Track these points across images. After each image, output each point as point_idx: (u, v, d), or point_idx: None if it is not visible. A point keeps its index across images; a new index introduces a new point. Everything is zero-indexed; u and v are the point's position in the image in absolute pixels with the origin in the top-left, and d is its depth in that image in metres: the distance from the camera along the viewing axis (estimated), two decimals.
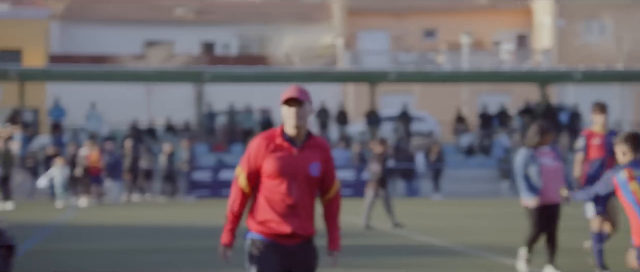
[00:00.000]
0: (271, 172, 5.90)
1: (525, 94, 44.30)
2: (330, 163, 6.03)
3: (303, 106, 5.89)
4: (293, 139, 5.94)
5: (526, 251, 11.79)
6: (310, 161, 5.91)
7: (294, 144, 5.93)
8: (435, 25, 52.79)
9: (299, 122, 5.87)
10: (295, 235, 5.94)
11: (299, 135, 5.94)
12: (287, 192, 5.90)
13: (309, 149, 5.94)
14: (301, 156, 5.91)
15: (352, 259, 13.97)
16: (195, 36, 51.53)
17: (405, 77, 40.37)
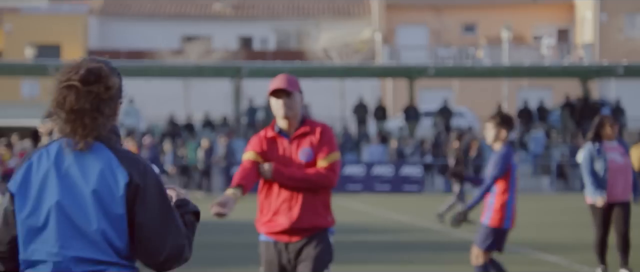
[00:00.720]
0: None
1: (567, 89, 43.75)
2: (323, 140, 5.74)
3: (291, 96, 5.71)
4: (284, 131, 5.81)
5: (602, 267, 10.98)
6: (301, 147, 5.74)
7: (285, 135, 5.80)
8: (475, 19, 52.32)
9: (287, 112, 5.71)
10: (295, 230, 5.69)
11: (291, 125, 5.79)
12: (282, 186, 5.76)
13: (301, 136, 5.78)
14: (292, 145, 5.76)
15: (392, 254, 13.75)
16: (233, 31, 51.53)
17: (444, 72, 40.00)
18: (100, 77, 3.27)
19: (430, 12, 52.23)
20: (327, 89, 46.93)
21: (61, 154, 3.28)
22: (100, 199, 3.23)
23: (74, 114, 3.25)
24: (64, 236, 3.22)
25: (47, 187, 3.25)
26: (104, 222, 3.22)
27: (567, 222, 20.09)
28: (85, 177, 3.25)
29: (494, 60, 46.10)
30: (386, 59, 48.34)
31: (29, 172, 3.28)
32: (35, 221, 3.24)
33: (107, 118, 3.28)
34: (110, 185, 3.24)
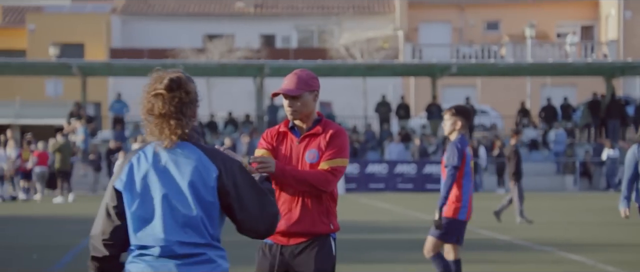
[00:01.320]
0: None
1: (591, 86, 43.48)
2: (333, 143, 5.48)
3: (298, 98, 5.47)
4: (297, 129, 5.60)
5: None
6: (309, 148, 5.51)
7: (297, 133, 5.59)
8: (498, 16, 52.11)
9: (294, 115, 5.50)
10: (293, 233, 5.42)
11: (304, 123, 5.56)
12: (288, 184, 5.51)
13: (312, 136, 5.54)
14: (302, 144, 5.53)
15: (415, 253, 13.71)
16: (255, 29, 51.57)
17: (467, 70, 39.85)
18: (181, 84, 3.88)
19: (453, 9, 52.07)
20: (350, 87, 46.88)
21: (157, 154, 3.84)
22: (196, 190, 3.78)
23: (162, 118, 3.82)
24: (168, 223, 3.77)
25: (151, 183, 3.81)
26: (200, 210, 3.77)
27: (591, 222, 19.96)
28: (180, 172, 3.80)
29: (517, 58, 45.88)
30: (409, 57, 48.22)
31: (131, 172, 3.85)
32: (143, 212, 3.80)
33: (189, 119, 3.86)
34: (203, 178, 3.79)
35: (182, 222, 3.77)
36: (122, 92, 39.29)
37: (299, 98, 5.47)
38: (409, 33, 51.28)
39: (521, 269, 11.96)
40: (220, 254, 3.85)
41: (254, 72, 38.52)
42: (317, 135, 5.53)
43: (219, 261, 3.83)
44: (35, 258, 13.01)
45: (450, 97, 46.98)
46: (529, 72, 41.58)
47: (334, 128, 5.57)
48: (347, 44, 49.00)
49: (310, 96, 5.52)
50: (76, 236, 16.15)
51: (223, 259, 3.86)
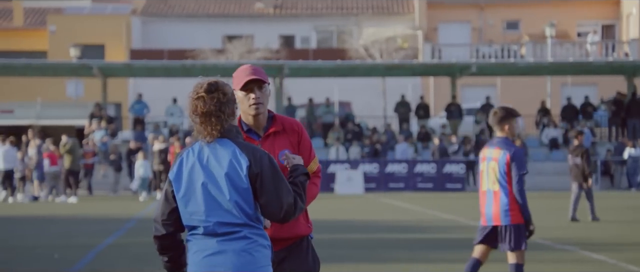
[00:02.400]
0: None
1: (612, 85, 43.27)
2: (303, 144, 5.17)
3: (263, 88, 5.00)
4: (253, 129, 5.11)
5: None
6: (279, 148, 5.09)
7: (255, 134, 5.10)
8: (518, 16, 51.93)
9: (260, 109, 5.01)
10: (277, 239, 5.03)
11: (260, 123, 5.10)
12: None
13: (275, 135, 5.12)
14: (266, 146, 5.07)
15: (435, 252, 13.68)
16: (275, 30, 51.62)
17: (486, 70, 39.73)
18: (218, 87, 4.51)
19: (472, 9, 51.94)
20: (369, 88, 46.85)
21: (201, 150, 4.51)
22: (231, 179, 4.43)
23: (204, 116, 4.48)
24: (208, 207, 4.44)
25: (195, 174, 4.48)
26: (235, 195, 4.42)
27: (613, 221, 19.86)
28: (219, 164, 4.46)
29: (537, 58, 45.71)
30: (428, 56, 48.14)
31: (181, 165, 4.53)
32: (188, 198, 4.47)
33: (228, 116, 4.51)
34: (236, 168, 4.44)
35: (220, 206, 4.43)
36: (142, 93, 39.42)
37: (263, 88, 5.03)
38: (428, 33, 51.18)
39: (542, 268, 11.91)
40: (256, 232, 4.46)
41: (274, 73, 38.56)
42: (278, 133, 5.14)
43: (255, 237, 4.45)
44: (57, 258, 13.08)
45: (470, 96, 46.87)
46: (549, 72, 41.41)
47: (294, 122, 5.21)
48: (366, 44, 48.96)
49: (268, 89, 5.09)
50: (97, 236, 16.23)
51: (259, 236, 4.47)
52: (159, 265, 5.01)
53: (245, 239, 4.42)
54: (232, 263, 4.38)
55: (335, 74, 39.83)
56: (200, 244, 4.44)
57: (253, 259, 4.41)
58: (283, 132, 5.16)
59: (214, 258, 4.39)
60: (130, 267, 12.21)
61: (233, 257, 4.38)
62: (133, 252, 13.78)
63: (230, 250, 4.39)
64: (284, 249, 5.14)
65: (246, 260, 4.39)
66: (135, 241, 15.56)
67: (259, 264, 4.42)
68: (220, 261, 4.38)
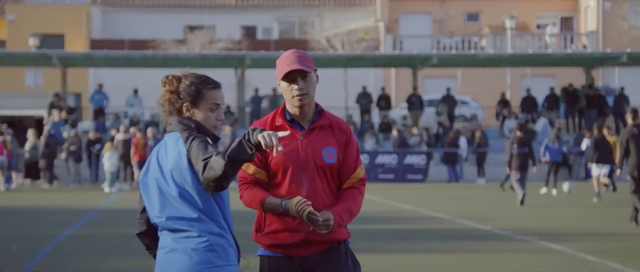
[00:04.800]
0: (273, 164, 4.67)
1: (570, 77, 43.68)
2: (351, 147, 4.74)
3: (307, 78, 4.63)
4: (297, 121, 4.71)
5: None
6: (324, 146, 4.66)
7: (298, 125, 4.70)
8: (478, 8, 52.23)
9: (305, 100, 4.63)
10: (311, 241, 4.66)
11: (305, 114, 4.69)
12: (295, 189, 4.63)
13: (320, 130, 4.69)
14: (310, 140, 4.66)
15: (396, 243, 13.76)
16: (236, 20, 51.49)
17: (447, 61, 39.93)
18: (169, 81, 4.38)
19: (433, 1, 52.15)
20: (331, 79, 46.89)
21: (162, 144, 4.37)
22: (177, 171, 4.22)
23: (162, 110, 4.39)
24: (161, 203, 4.28)
25: (152, 170, 4.34)
26: (182, 188, 4.21)
27: (571, 211, 20.08)
28: (168, 157, 4.27)
29: (497, 49, 46.01)
30: (389, 48, 48.28)
31: (151, 159, 4.39)
32: (147, 194, 4.35)
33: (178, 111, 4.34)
34: (179, 160, 4.22)
35: (170, 201, 4.24)
36: (103, 83, 39.14)
37: (308, 78, 4.64)
38: (389, 24, 51.32)
39: (501, 258, 12.02)
40: (208, 228, 4.20)
41: (235, 64, 38.46)
42: (324, 128, 4.72)
43: (208, 235, 4.19)
44: (15, 249, 12.97)
45: (431, 88, 47.10)
46: (509, 63, 41.72)
47: (343, 123, 4.79)
48: (328, 36, 48.99)
49: (315, 77, 4.71)
50: (57, 227, 16.11)
51: (211, 233, 4.20)
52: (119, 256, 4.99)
53: (198, 238, 4.18)
54: (183, 263, 4.17)
55: None
56: (161, 241, 4.31)
57: (205, 258, 4.16)
58: (329, 128, 4.73)
59: (168, 256, 4.23)
60: (89, 258, 12.15)
61: (184, 257, 4.17)
62: (92, 244, 13.70)
63: (181, 248, 4.19)
64: (318, 253, 4.70)
65: (197, 260, 4.16)
66: (94, 233, 15.47)
67: (212, 264, 4.16)
68: (173, 259, 4.20)
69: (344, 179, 4.73)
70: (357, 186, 4.76)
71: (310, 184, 4.64)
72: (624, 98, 37.75)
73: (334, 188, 4.72)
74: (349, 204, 4.68)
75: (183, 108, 4.34)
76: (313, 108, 4.72)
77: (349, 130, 4.78)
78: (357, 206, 4.73)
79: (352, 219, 4.72)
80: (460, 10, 52.26)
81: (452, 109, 38.49)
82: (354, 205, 4.70)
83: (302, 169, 4.64)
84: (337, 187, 4.75)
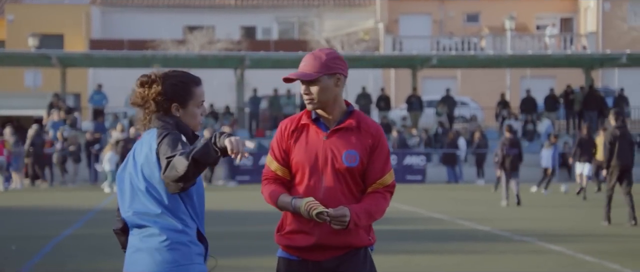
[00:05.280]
0: (294, 163, 4.58)
1: (570, 78, 43.69)
2: (379, 152, 4.57)
3: (315, 83, 4.50)
4: (323, 120, 4.58)
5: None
6: (345, 148, 4.51)
7: (323, 125, 4.58)
8: (478, 8, 52.24)
9: (311, 104, 4.53)
10: (326, 246, 4.51)
11: (331, 114, 4.55)
12: (312, 190, 4.51)
13: (345, 132, 4.53)
14: (333, 141, 4.52)
15: (395, 244, 13.75)
16: (236, 21, 51.48)
17: (447, 62, 39.93)
18: (150, 81, 4.37)
19: (433, 2, 52.15)
20: None
21: (138, 142, 4.35)
22: (146, 165, 4.20)
23: (136, 107, 4.38)
24: (131, 198, 4.25)
25: (128, 166, 4.32)
26: (149, 182, 4.18)
27: (571, 212, 20.07)
28: (141, 153, 4.25)
29: (497, 50, 46.02)
30: (389, 48, 48.28)
31: (129, 156, 4.36)
32: (121, 191, 4.32)
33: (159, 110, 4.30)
34: (149, 154, 4.21)
35: (137, 195, 4.22)
36: (102, 84, 39.13)
37: (315, 83, 4.50)
38: (389, 25, 51.32)
39: (501, 259, 12.02)
40: (170, 225, 4.15)
41: (235, 64, 38.45)
42: (350, 130, 4.55)
43: (171, 233, 4.15)
44: (14, 249, 12.96)
45: (431, 88, 47.10)
46: (509, 64, 41.72)
47: (374, 126, 4.60)
48: (328, 36, 48.98)
49: (331, 81, 4.52)
50: (56, 227, 16.10)
51: (172, 230, 4.15)
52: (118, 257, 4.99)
53: (160, 236, 4.13)
54: (146, 263, 4.12)
55: (296, 65, 39.61)
56: (129, 240, 4.28)
57: (168, 258, 4.11)
58: (356, 131, 4.55)
59: (134, 256, 4.19)
60: (88, 258, 12.14)
61: (147, 257, 4.12)
62: (91, 244, 13.70)
63: (145, 248, 4.15)
64: (334, 259, 4.55)
65: (160, 259, 4.11)
66: (93, 233, 15.47)
67: (176, 263, 4.11)
68: (138, 259, 4.16)
69: (369, 184, 4.58)
70: (381, 191, 4.59)
71: (328, 186, 4.52)
72: (624, 99, 37.76)
73: (355, 192, 4.56)
74: (369, 205, 4.53)
75: (172, 108, 4.30)
76: (341, 109, 4.57)
77: (379, 133, 4.59)
78: (379, 209, 4.56)
79: (371, 221, 4.55)
80: (460, 11, 52.26)
81: (452, 110, 38.48)
82: (374, 208, 4.54)
83: (321, 170, 4.52)
84: (360, 192, 4.59)
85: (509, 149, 21.63)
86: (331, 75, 4.51)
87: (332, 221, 4.37)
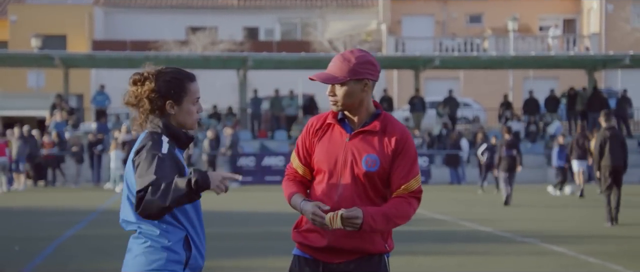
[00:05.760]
0: (315, 162, 4.49)
1: (573, 79, 43.65)
2: (404, 157, 4.39)
3: (343, 86, 4.38)
4: (348, 121, 4.47)
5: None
6: (366, 152, 4.37)
7: (348, 126, 4.47)
8: (481, 10, 52.21)
9: (335, 106, 4.43)
10: (336, 249, 4.40)
11: (356, 116, 4.43)
12: (328, 192, 4.41)
13: (368, 135, 4.40)
14: (355, 143, 4.40)
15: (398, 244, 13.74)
16: (239, 21, 51.49)
17: (449, 63, 39.92)
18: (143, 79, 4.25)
19: (436, 3, 52.13)
20: None
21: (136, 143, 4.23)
22: (129, 172, 4.15)
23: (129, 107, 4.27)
24: (121, 204, 4.24)
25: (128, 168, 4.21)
26: (129, 189, 4.13)
27: (573, 213, 20.05)
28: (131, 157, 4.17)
29: (499, 51, 46.00)
30: (392, 49, 48.27)
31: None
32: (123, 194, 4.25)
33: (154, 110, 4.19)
34: (129, 163, 4.15)
35: (124, 202, 4.21)
36: (104, 84, 39.15)
37: (341, 85, 4.39)
38: (391, 26, 51.31)
39: (503, 260, 12.00)
40: (148, 230, 4.10)
41: (237, 65, 38.46)
42: (373, 133, 4.41)
43: (149, 238, 4.09)
44: (17, 250, 12.96)
45: (433, 90, 47.08)
46: (512, 65, 41.71)
47: (399, 129, 4.43)
48: (330, 37, 48.98)
49: (358, 86, 4.38)
50: (59, 228, 16.11)
51: (149, 236, 4.09)
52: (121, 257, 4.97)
53: (140, 240, 4.13)
54: (131, 265, 4.14)
55: (299, 66, 39.80)
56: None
57: (143, 261, 4.10)
58: (380, 134, 4.40)
59: (126, 257, 4.22)
60: (91, 259, 12.14)
61: (130, 259, 4.15)
62: (94, 245, 13.70)
63: (133, 250, 4.17)
64: (347, 263, 4.42)
65: (137, 261, 4.12)
66: (96, 233, 15.47)
67: (149, 267, 4.09)
68: (127, 260, 4.19)
69: (393, 190, 4.41)
70: (405, 196, 4.40)
71: (345, 189, 4.38)
72: (627, 100, 37.73)
73: (373, 198, 4.39)
74: (389, 209, 4.35)
75: (166, 105, 4.17)
76: (368, 111, 4.43)
77: (405, 137, 4.41)
78: (400, 214, 4.35)
79: (389, 226, 4.35)
80: (463, 12, 52.24)
81: (454, 111, 38.47)
82: (394, 212, 4.34)
83: (340, 173, 4.39)
84: (381, 198, 4.41)
85: (507, 150, 22.09)
86: (359, 80, 4.38)
87: (343, 221, 4.25)
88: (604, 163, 16.60)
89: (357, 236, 4.36)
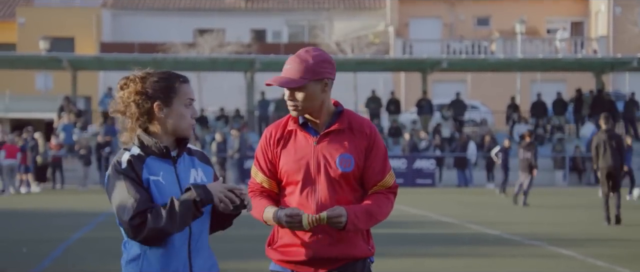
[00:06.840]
0: (283, 173, 4.23)
1: (581, 82, 43.59)
2: (375, 153, 4.24)
3: (301, 90, 4.14)
4: (311, 124, 4.24)
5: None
6: (339, 152, 4.18)
7: (312, 130, 4.23)
8: (488, 12, 52.17)
9: (296, 111, 4.18)
10: (320, 259, 4.21)
11: (318, 118, 4.21)
12: (305, 200, 4.19)
13: (337, 134, 4.20)
14: (324, 146, 4.19)
15: (405, 247, 13.74)
16: (246, 24, 51.54)
17: (457, 65, 39.90)
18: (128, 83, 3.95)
19: (443, 5, 52.11)
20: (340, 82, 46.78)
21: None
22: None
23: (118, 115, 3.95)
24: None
25: None
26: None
27: (581, 216, 20.03)
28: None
29: (507, 54, 45.95)
30: (399, 52, 48.26)
31: None
32: None
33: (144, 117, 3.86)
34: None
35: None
36: (112, 87, 39.22)
37: (300, 89, 4.15)
38: (399, 28, 51.30)
39: (511, 263, 12.00)
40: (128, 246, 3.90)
41: (245, 67, 38.49)
42: (341, 132, 4.21)
43: (126, 248, 3.92)
44: (25, 252, 13.00)
45: (441, 92, 47.05)
46: (519, 68, 41.67)
47: (366, 125, 4.26)
48: (338, 40, 49.00)
49: (318, 86, 4.16)
50: (67, 230, 16.14)
51: (126, 251, 3.89)
52: None
53: (124, 250, 3.95)
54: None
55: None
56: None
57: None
58: (348, 132, 4.21)
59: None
60: (98, 261, 12.16)
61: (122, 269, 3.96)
62: (102, 247, 13.72)
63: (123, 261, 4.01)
64: (333, 270, 4.25)
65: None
66: (104, 235, 15.50)
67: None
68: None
69: (369, 188, 4.26)
70: (384, 192, 4.28)
71: (323, 194, 4.17)
72: (635, 103, 37.66)
73: (352, 200, 4.22)
74: (370, 205, 4.21)
75: (154, 108, 3.80)
76: (329, 111, 4.22)
77: (374, 133, 4.25)
78: (381, 210, 4.23)
79: (372, 223, 4.22)
80: (471, 15, 52.21)
81: (462, 114, 38.45)
82: (375, 208, 4.21)
83: (314, 179, 4.18)
84: (358, 199, 4.25)
85: (524, 153, 23.01)
86: (318, 80, 4.16)
87: (327, 222, 4.08)
88: (601, 165, 17.08)
89: (341, 242, 4.20)
